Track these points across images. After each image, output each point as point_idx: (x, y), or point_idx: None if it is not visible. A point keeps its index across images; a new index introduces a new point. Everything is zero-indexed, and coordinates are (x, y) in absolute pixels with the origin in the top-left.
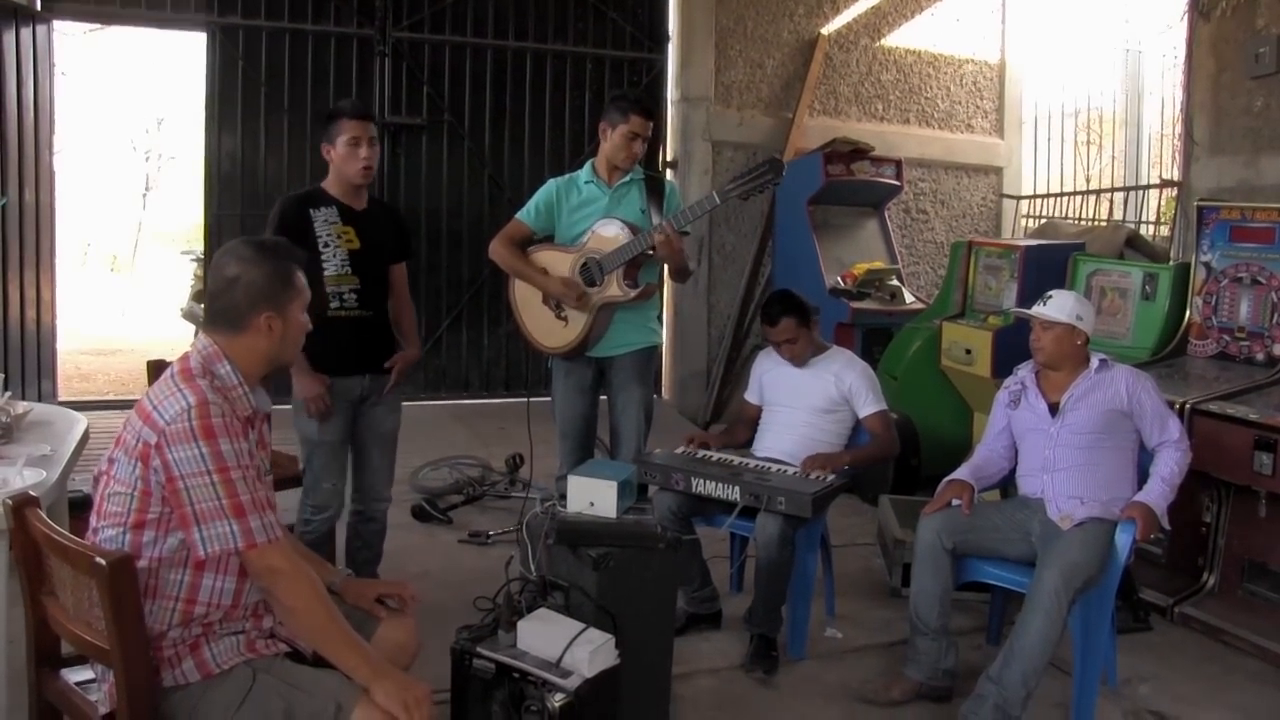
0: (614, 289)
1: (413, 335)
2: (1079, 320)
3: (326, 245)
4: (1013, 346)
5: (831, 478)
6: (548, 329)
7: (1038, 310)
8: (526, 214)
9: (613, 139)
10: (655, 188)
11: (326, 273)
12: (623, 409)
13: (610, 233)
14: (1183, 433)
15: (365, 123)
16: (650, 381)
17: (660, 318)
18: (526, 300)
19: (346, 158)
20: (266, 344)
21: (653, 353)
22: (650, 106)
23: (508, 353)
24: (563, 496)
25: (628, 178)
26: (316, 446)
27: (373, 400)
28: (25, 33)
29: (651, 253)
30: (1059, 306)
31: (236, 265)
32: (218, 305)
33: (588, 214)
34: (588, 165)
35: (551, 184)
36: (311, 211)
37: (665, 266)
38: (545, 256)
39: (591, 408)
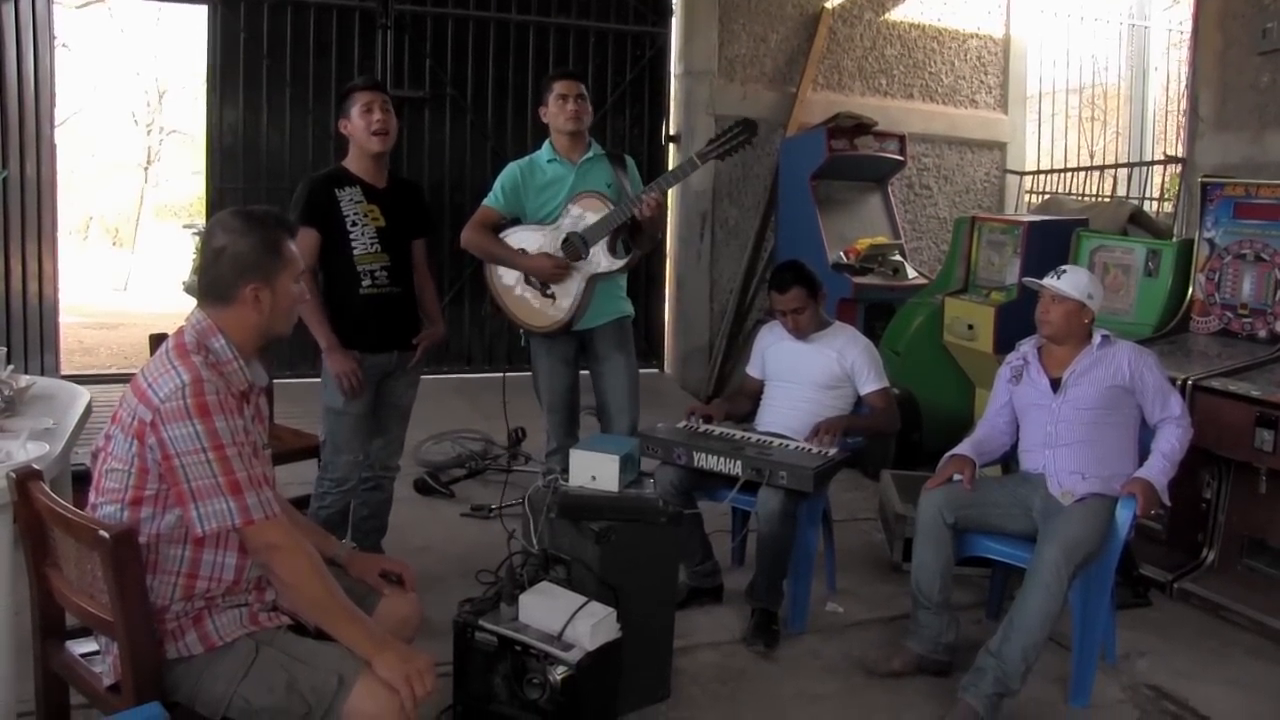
0: (602, 260)
1: (435, 312)
2: (1090, 299)
3: (355, 224)
4: (1015, 322)
5: (834, 451)
6: (534, 309)
7: (1050, 283)
8: (494, 199)
9: (551, 110)
10: (618, 162)
11: (356, 251)
12: (610, 379)
13: (589, 205)
14: (1184, 409)
15: (377, 91)
16: (633, 351)
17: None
18: (507, 284)
19: (360, 124)
20: (256, 316)
21: (629, 322)
22: (568, 70)
23: (510, 326)
24: (550, 472)
25: (590, 153)
26: (341, 416)
27: (396, 374)
28: (25, 4)
29: (630, 222)
30: (1073, 283)
31: (223, 236)
32: (206, 278)
33: (556, 192)
34: (546, 146)
35: (513, 166)
36: (337, 191)
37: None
38: (520, 237)
39: (576, 380)
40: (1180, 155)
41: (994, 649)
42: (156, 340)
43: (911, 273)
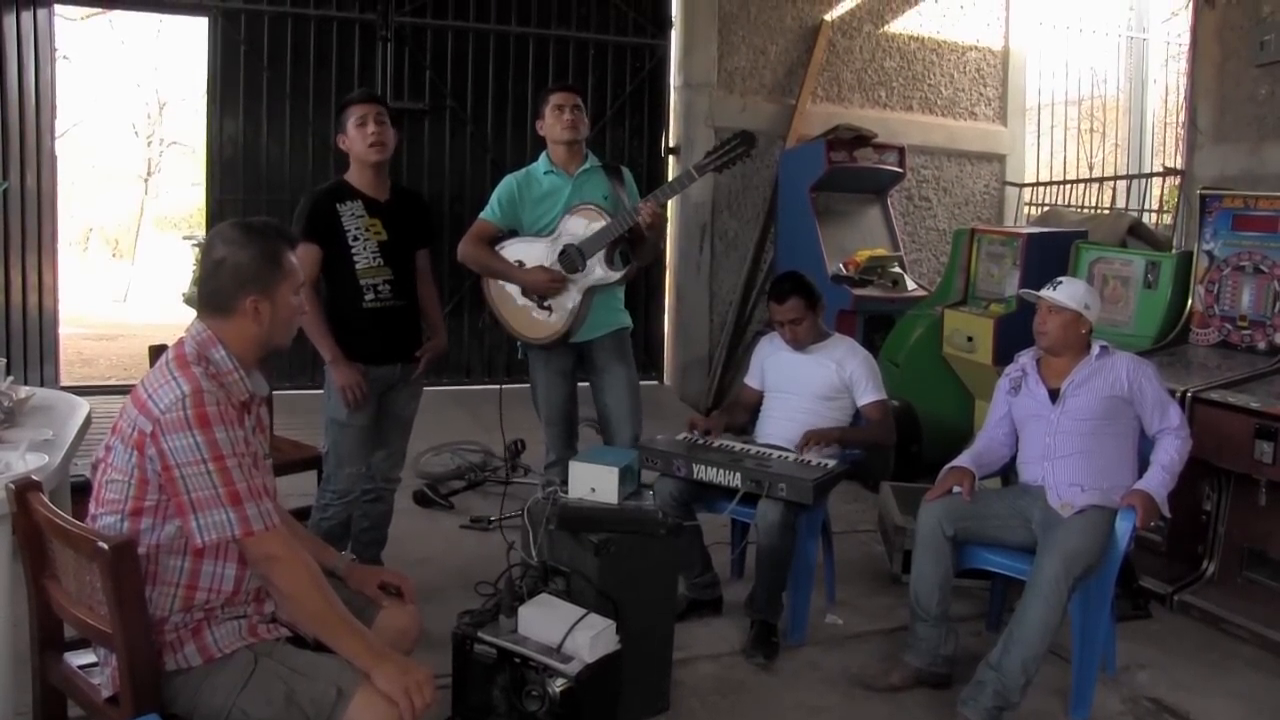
0: (599, 272)
1: (439, 324)
2: (1086, 309)
3: (356, 239)
4: (1014, 334)
5: (833, 463)
6: (531, 321)
7: (1047, 294)
8: (491, 213)
9: (548, 122)
10: (615, 174)
11: (358, 265)
12: (611, 391)
13: (585, 218)
14: (1183, 420)
15: (371, 104)
16: (632, 362)
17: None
18: (504, 297)
19: (356, 137)
20: (255, 328)
21: (628, 333)
22: (565, 83)
23: (508, 338)
24: (549, 484)
25: (587, 165)
26: (344, 428)
27: (398, 386)
28: (26, 16)
29: (628, 234)
30: (1069, 293)
31: (223, 248)
32: (206, 289)
33: (553, 204)
34: (543, 158)
35: (510, 179)
36: (339, 206)
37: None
38: (516, 249)
39: (574, 392)
40: (1179, 167)
41: (993, 662)
42: (156, 351)
43: (911, 284)
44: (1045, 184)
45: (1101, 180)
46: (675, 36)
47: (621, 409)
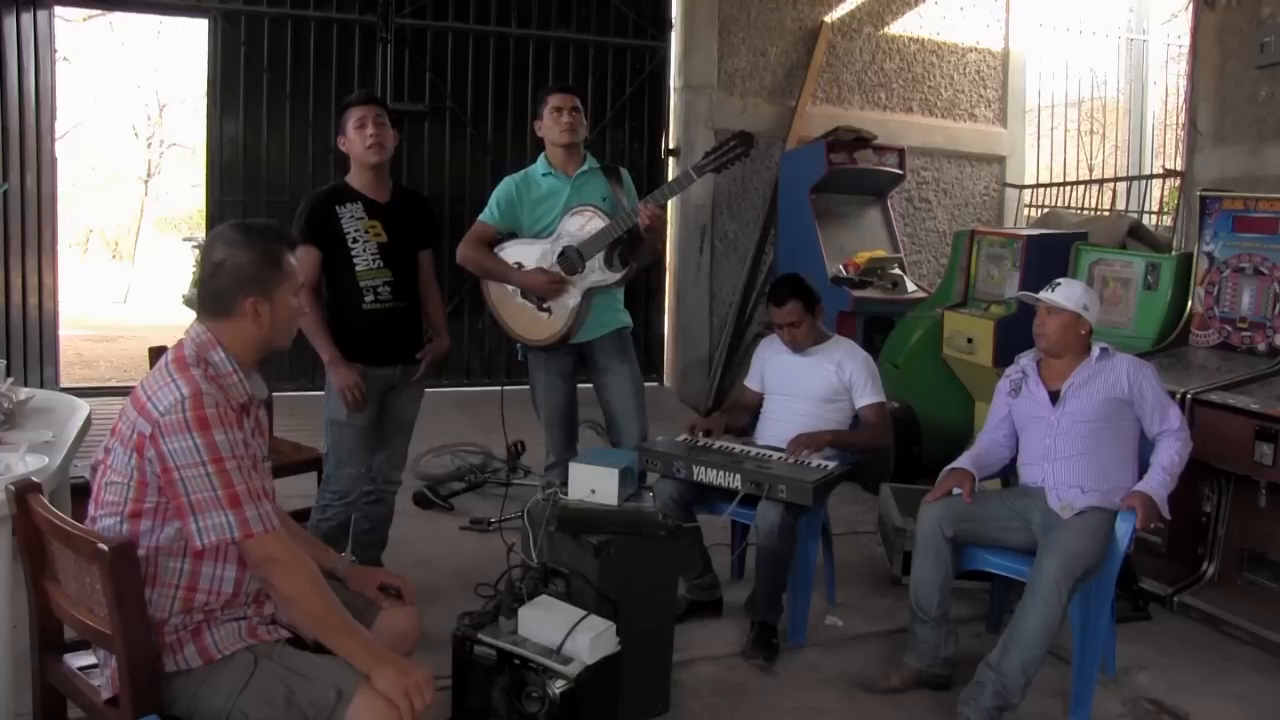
0: (598, 273)
1: (441, 325)
2: (1085, 310)
3: (355, 241)
4: (1014, 336)
5: (832, 464)
6: (530, 323)
7: (1046, 296)
8: (490, 215)
9: (546, 123)
10: (614, 176)
11: (358, 268)
12: (615, 390)
13: (584, 219)
14: (1183, 422)
15: (370, 106)
16: (635, 360)
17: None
18: (503, 298)
19: (355, 139)
20: (255, 329)
21: (628, 333)
22: (563, 84)
23: (508, 340)
24: (549, 485)
25: (586, 166)
26: (344, 429)
27: (399, 387)
28: (26, 18)
29: (627, 235)
30: (1067, 295)
31: (223, 249)
32: (206, 291)
33: (551, 205)
34: (541, 159)
35: (509, 181)
36: (338, 208)
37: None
38: (516, 250)
39: (574, 394)
40: (1179, 169)
41: (993, 663)
42: (156, 353)
43: (911, 286)
44: (1045, 186)
45: (1101, 182)
46: (675, 38)
47: (628, 407)
